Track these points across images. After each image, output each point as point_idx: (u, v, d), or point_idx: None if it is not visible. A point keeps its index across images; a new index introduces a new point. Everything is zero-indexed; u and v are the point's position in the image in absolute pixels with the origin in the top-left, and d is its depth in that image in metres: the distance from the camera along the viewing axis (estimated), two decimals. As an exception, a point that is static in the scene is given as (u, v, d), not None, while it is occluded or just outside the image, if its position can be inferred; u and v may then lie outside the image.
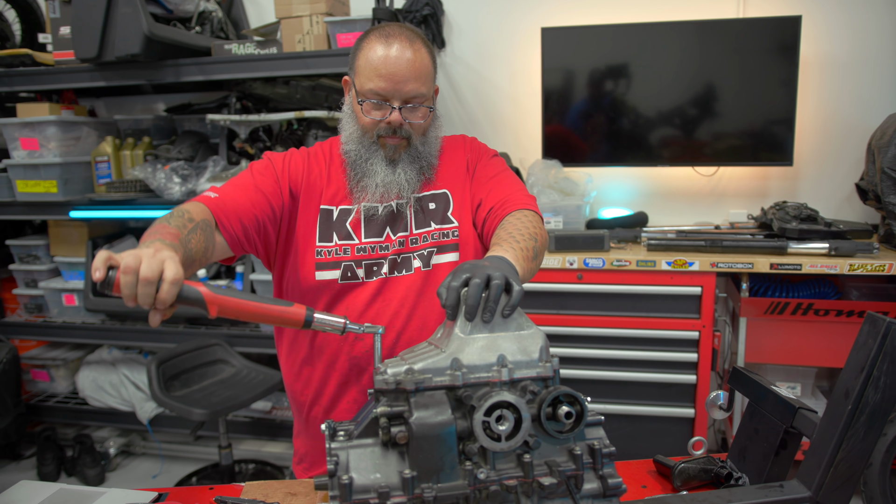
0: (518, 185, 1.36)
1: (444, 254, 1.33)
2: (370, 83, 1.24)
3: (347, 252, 1.30)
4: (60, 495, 1.21)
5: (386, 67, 1.22)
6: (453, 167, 1.39)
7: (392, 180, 1.29)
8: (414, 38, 1.26)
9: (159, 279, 0.86)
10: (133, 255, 0.86)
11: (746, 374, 1.15)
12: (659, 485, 1.18)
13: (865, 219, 2.82)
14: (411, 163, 1.31)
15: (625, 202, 3.09)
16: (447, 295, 0.92)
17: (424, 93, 1.26)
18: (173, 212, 1.13)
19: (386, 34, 1.24)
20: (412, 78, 1.24)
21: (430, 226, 1.34)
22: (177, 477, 2.98)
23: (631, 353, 2.56)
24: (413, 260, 1.32)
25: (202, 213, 1.16)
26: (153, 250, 0.88)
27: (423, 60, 1.26)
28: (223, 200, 1.21)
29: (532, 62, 3.01)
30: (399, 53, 1.22)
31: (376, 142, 1.29)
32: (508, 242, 1.14)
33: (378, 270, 1.31)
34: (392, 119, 1.26)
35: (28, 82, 2.88)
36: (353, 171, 1.31)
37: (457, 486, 0.82)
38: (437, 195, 1.36)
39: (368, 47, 1.25)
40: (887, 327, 0.88)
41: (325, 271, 1.30)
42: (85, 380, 3.17)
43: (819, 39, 2.80)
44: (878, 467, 0.99)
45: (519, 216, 1.24)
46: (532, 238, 1.18)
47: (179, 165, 2.80)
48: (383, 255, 1.31)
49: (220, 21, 2.98)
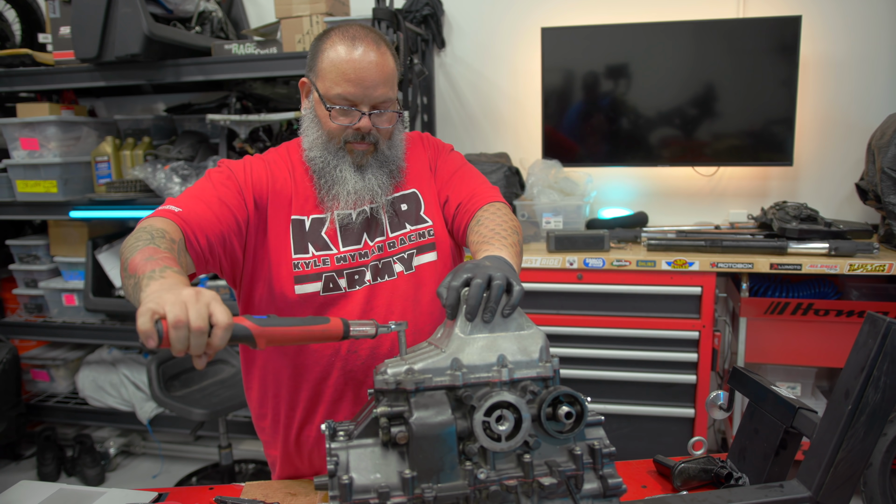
0: (481, 178, 1.36)
1: (424, 254, 1.31)
2: (337, 87, 1.18)
3: (327, 262, 1.24)
4: (60, 495, 1.21)
5: (354, 72, 1.17)
6: (417, 166, 1.36)
7: (363, 186, 1.24)
8: (378, 40, 1.21)
9: (209, 325, 0.81)
10: (177, 304, 0.79)
11: (746, 374, 1.15)
12: (659, 485, 1.18)
13: (865, 219, 2.82)
14: (380, 167, 1.26)
15: (625, 202, 3.09)
16: (448, 294, 0.92)
17: (392, 97, 1.22)
18: (150, 231, 1.05)
19: (350, 36, 1.19)
20: (381, 83, 1.19)
21: (406, 227, 1.30)
22: (177, 477, 2.98)
23: (631, 353, 2.56)
24: (394, 264, 1.28)
25: (175, 230, 1.09)
26: (194, 294, 0.81)
27: (389, 63, 1.21)
28: (188, 216, 1.12)
29: (532, 62, 3.01)
30: (365, 56, 1.17)
31: (343, 147, 1.24)
32: (498, 241, 1.13)
33: (360, 279, 1.26)
34: (361, 125, 1.20)
35: (28, 82, 2.88)
36: (322, 179, 1.24)
37: (457, 486, 0.82)
38: (407, 195, 1.33)
39: (332, 49, 1.18)
40: (887, 327, 0.88)
41: (304, 284, 1.23)
42: (85, 380, 3.17)
43: (819, 39, 2.80)
44: (878, 467, 0.99)
45: (493, 211, 1.24)
46: (514, 232, 1.19)
47: (179, 165, 2.80)
48: (364, 262, 1.26)
49: (220, 21, 2.98)
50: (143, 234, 1.04)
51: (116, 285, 3.03)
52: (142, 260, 0.94)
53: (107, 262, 3.04)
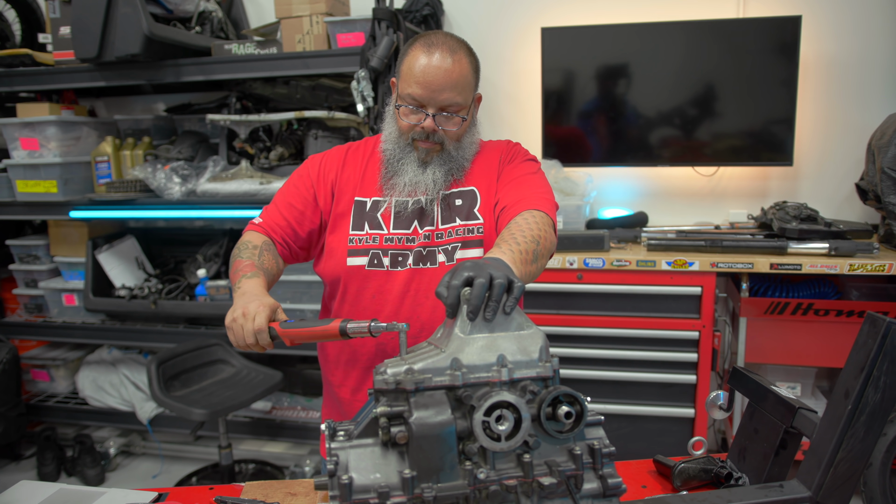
0: (540, 188, 1.36)
1: (469, 249, 1.36)
2: (408, 89, 1.30)
3: (376, 241, 1.37)
4: (60, 495, 1.21)
5: (424, 75, 1.28)
6: (485, 167, 1.43)
7: (420, 179, 1.36)
8: (456, 48, 1.31)
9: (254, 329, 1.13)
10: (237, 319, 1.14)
11: (746, 374, 1.15)
12: (659, 485, 1.18)
13: (865, 219, 2.82)
14: (442, 165, 1.37)
15: (625, 202, 3.09)
16: (448, 293, 0.92)
17: (460, 102, 1.31)
18: (239, 246, 1.37)
19: (430, 42, 1.30)
20: (448, 87, 1.29)
21: (456, 221, 1.38)
22: (177, 477, 2.98)
23: (631, 353, 2.56)
24: (438, 254, 1.37)
25: (258, 237, 1.39)
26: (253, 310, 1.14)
27: (463, 71, 1.30)
28: (267, 224, 1.41)
29: (532, 62, 3.01)
30: (438, 63, 1.28)
31: (410, 143, 1.36)
32: (508, 244, 1.14)
33: (403, 261, 1.37)
34: (426, 125, 1.32)
35: (28, 82, 2.88)
36: (386, 168, 1.39)
37: (457, 486, 0.82)
38: (464, 192, 1.40)
39: (413, 54, 1.31)
40: (887, 327, 0.87)
41: (354, 257, 1.37)
42: (85, 380, 3.17)
43: (819, 39, 2.80)
44: (878, 467, 0.99)
45: (527, 216, 1.25)
46: (534, 241, 1.18)
47: (179, 165, 2.80)
48: (409, 246, 1.37)
49: (220, 21, 2.98)
50: (236, 249, 1.38)
51: (116, 285, 3.03)
52: (234, 271, 1.30)
53: (107, 262, 3.04)
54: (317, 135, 2.74)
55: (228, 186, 2.69)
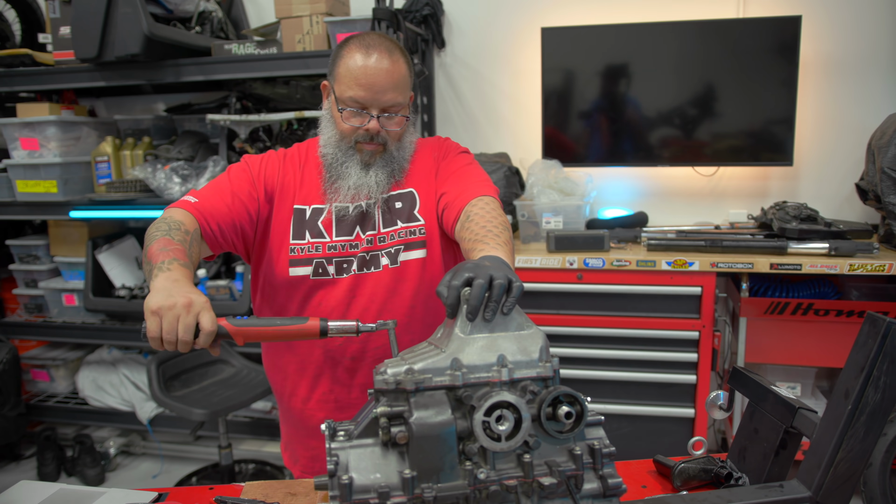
0: (480, 178, 1.38)
1: (412, 250, 1.37)
2: (350, 91, 1.28)
3: (319, 249, 1.35)
4: (60, 495, 1.21)
5: (366, 77, 1.27)
6: (422, 167, 1.43)
7: (363, 182, 1.34)
8: (393, 48, 1.31)
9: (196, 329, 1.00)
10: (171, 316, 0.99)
11: (746, 374, 1.15)
12: (659, 485, 1.18)
13: (865, 219, 2.82)
14: (384, 167, 1.36)
15: (625, 202, 3.09)
16: (448, 294, 0.92)
17: (402, 102, 1.32)
18: (168, 222, 1.21)
19: (366, 44, 1.29)
20: (390, 88, 1.29)
21: (397, 224, 1.38)
22: (177, 477, 2.98)
23: (631, 353, 2.56)
24: (381, 258, 1.36)
25: (191, 221, 1.25)
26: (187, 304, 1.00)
27: (402, 71, 1.31)
28: (203, 206, 1.29)
29: (532, 62, 3.00)
30: (378, 64, 1.27)
31: (353, 146, 1.34)
32: (492, 239, 1.15)
33: (348, 268, 1.36)
34: (370, 127, 1.30)
35: (28, 82, 2.88)
36: (329, 173, 1.37)
37: (457, 486, 0.82)
38: (403, 194, 1.40)
39: (349, 56, 1.29)
40: (887, 327, 0.87)
41: (297, 267, 1.35)
42: (85, 380, 3.17)
43: (819, 39, 2.80)
44: (878, 467, 0.99)
45: (482, 206, 1.26)
46: (505, 229, 1.21)
47: (179, 165, 2.80)
48: (353, 252, 1.36)
49: (220, 21, 2.98)
50: (162, 224, 1.21)
51: (116, 285, 3.03)
52: (157, 250, 1.13)
53: (107, 262, 3.04)
54: (317, 134, 2.73)
55: (228, 186, 2.68)
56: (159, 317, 0.98)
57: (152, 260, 1.11)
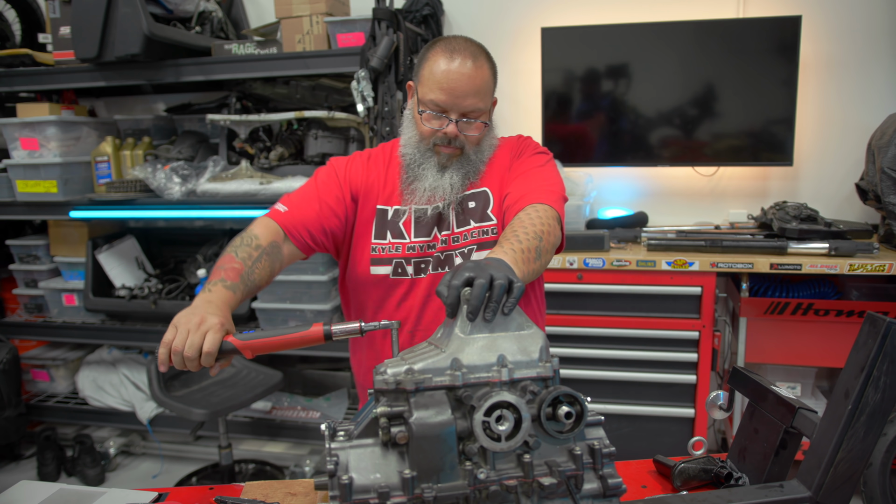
0: (547, 181, 1.37)
1: (485, 250, 1.37)
2: (431, 94, 1.31)
3: (399, 250, 1.39)
4: (60, 495, 1.21)
5: (447, 81, 1.29)
6: (498, 167, 1.44)
7: (439, 184, 1.37)
8: (478, 54, 1.32)
9: (200, 349, 1.05)
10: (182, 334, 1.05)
11: (746, 374, 1.14)
12: (659, 485, 1.18)
13: (865, 219, 2.82)
14: (459, 169, 1.38)
15: (625, 202, 3.09)
16: (448, 293, 0.92)
17: (482, 108, 1.33)
18: (244, 237, 1.28)
19: (451, 48, 1.31)
20: (471, 93, 1.30)
21: (470, 224, 1.39)
22: (177, 477, 2.98)
23: (631, 353, 2.56)
24: (455, 258, 1.38)
25: (271, 233, 1.31)
26: (197, 324, 1.06)
27: (485, 76, 1.32)
28: (292, 215, 1.35)
29: (532, 62, 3.00)
30: (461, 69, 1.29)
31: (431, 148, 1.37)
32: (510, 242, 1.15)
33: (426, 268, 1.39)
34: (448, 131, 1.33)
35: (28, 82, 2.88)
36: (407, 173, 1.40)
37: (457, 486, 0.82)
38: (477, 194, 1.41)
39: (433, 59, 1.31)
40: (887, 327, 0.87)
41: (378, 266, 1.39)
42: (85, 380, 3.17)
43: (819, 39, 2.80)
44: (878, 467, 0.99)
45: (530, 212, 1.26)
46: (537, 237, 1.18)
47: (179, 165, 2.80)
48: (430, 253, 1.39)
49: (220, 21, 2.98)
50: (239, 238, 1.29)
51: (116, 285, 3.03)
52: (217, 266, 1.22)
53: (107, 262, 3.04)
54: (317, 135, 2.74)
55: (228, 186, 2.69)
56: (175, 329, 1.06)
57: (209, 276, 1.22)
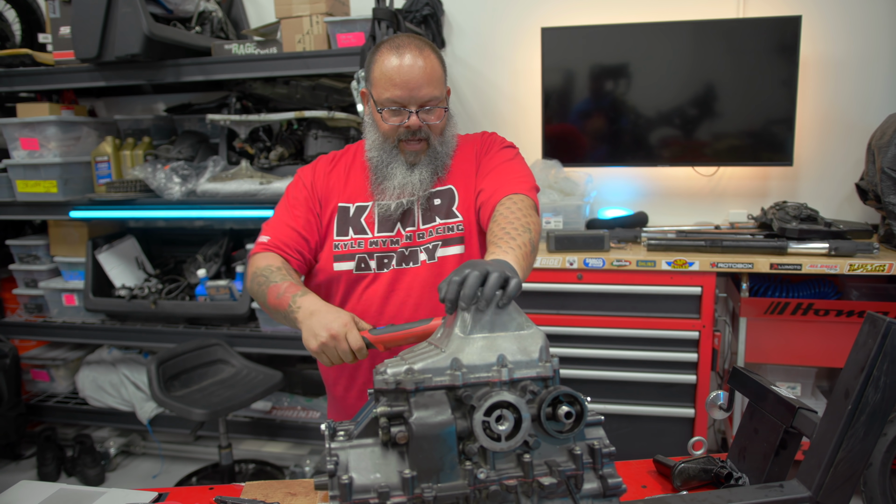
0: (517, 173, 1.41)
1: (449, 247, 1.40)
2: (387, 93, 1.32)
3: (361, 245, 1.41)
4: (60, 495, 1.21)
5: (400, 76, 1.31)
6: (463, 163, 1.46)
7: (408, 181, 1.39)
8: (423, 45, 1.35)
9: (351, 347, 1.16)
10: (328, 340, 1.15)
11: (746, 374, 1.14)
12: (659, 485, 1.18)
13: (865, 219, 2.82)
14: (428, 164, 1.40)
15: (625, 202, 3.09)
16: (447, 289, 0.93)
17: (438, 95, 1.36)
18: (261, 273, 1.34)
19: (396, 45, 1.33)
20: (425, 84, 1.32)
21: (435, 220, 1.41)
22: (177, 477, 2.98)
23: (631, 353, 2.56)
24: (420, 253, 1.40)
25: (273, 257, 1.38)
26: (340, 326, 1.15)
27: (434, 66, 1.35)
28: (276, 243, 1.40)
29: (532, 62, 3.01)
30: (411, 62, 1.31)
31: (396, 146, 1.39)
32: (506, 242, 1.17)
33: (388, 263, 1.41)
34: (411, 123, 1.34)
35: (28, 82, 2.88)
36: (375, 175, 1.41)
37: (457, 486, 0.82)
38: (442, 191, 1.43)
39: (381, 59, 1.33)
40: (887, 327, 0.87)
41: (341, 262, 1.41)
42: (85, 380, 3.17)
43: (819, 39, 2.80)
44: (878, 467, 0.99)
45: (509, 204, 1.29)
46: (526, 230, 1.22)
47: (179, 165, 2.80)
48: (393, 248, 1.40)
49: (220, 21, 2.98)
50: (258, 278, 1.34)
51: (116, 285, 3.03)
52: (276, 297, 1.28)
53: (107, 262, 3.04)
54: (317, 135, 2.74)
55: (228, 186, 2.69)
56: (325, 354, 1.17)
57: (281, 307, 1.27)
